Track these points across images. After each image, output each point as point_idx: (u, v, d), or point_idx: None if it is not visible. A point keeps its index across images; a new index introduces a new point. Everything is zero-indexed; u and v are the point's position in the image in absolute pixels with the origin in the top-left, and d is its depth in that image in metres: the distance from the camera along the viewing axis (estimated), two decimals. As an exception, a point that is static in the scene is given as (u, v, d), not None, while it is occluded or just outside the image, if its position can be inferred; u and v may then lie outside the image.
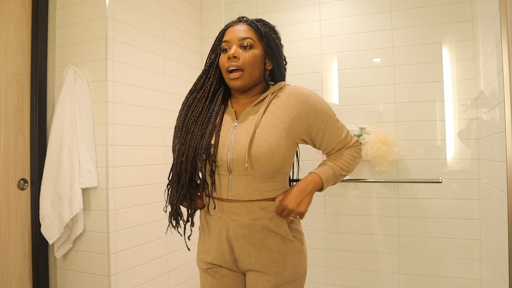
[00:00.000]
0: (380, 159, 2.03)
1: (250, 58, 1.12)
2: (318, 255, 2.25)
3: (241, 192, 1.10)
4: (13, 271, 1.80)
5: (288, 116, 1.12)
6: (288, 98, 1.14)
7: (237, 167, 1.09)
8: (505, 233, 1.30)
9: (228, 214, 1.12)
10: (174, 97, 2.32)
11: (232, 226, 1.11)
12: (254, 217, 1.11)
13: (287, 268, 1.12)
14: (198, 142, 1.11)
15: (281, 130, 1.10)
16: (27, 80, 1.91)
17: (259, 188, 1.10)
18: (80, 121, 1.83)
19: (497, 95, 1.42)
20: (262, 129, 1.09)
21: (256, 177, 1.09)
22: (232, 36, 1.14)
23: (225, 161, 1.10)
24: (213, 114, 1.16)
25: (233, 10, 2.44)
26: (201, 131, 1.13)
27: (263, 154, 1.06)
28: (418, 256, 2.06)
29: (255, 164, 1.07)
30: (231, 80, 1.14)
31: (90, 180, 1.81)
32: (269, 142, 1.07)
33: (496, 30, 1.35)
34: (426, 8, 2.05)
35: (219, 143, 1.12)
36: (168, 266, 2.21)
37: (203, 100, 1.17)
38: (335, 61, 2.26)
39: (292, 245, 1.14)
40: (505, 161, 1.27)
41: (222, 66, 1.15)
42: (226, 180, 1.12)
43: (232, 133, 1.13)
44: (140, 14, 2.07)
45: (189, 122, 1.15)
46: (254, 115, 1.14)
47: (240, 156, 1.07)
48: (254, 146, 1.07)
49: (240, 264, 1.15)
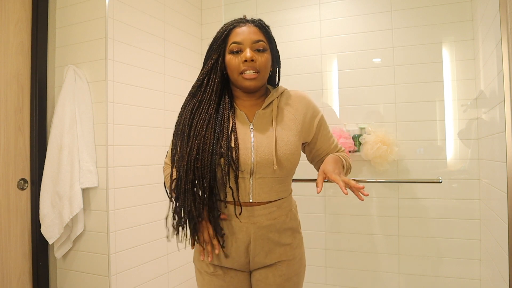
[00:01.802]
0: (380, 159, 2.03)
1: (265, 61, 1.11)
2: (318, 255, 2.25)
3: (262, 194, 1.11)
4: (13, 271, 1.80)
5: (299, 118, 1.16)
6: (294, 101, 1.18)
7: (261, 169, 1.08)
8: (505, 233, 1.30)
9: (249, 218, 1.11)
10: (174, 97, 2.32)
11: (253, 229, 1.11)
12: (273, 217, 1.13)
13: (296, 260, 1.17)
14: (214, 146, 1.05)
15: (296, 132, 1.14)
16: (27, 80, 1.91)
17: (277, 189, 1.13)
18: (80, 121, 1.83)
19: (497, 95, 1.42)
20: (280, 132, 1.12)
21: (277, 178, 1.11)
22: (244, 38, 1.10)
23: (249, 164, 1.07)
24: (225, 117, 1.11)
25: (233, 10, 2.44)
26: (215, 135, 1.07)
27: (286, 156, 1.09)
28: (418, 256, 2.06)
29: (281, 166, 1.09)
30: (246, 80, 1.10)
31: (90, 180, 1.81)
32: (290, 144, 1.11)
33: (496, 30, 1.35)
34: (426, 8, 2.05)
35: (240, 146, 1.08)
36: (168, 266, 2.21)
37: (210, 103, 1.12)
38: (335, 61, 2.25)
39: (299, 236, 1.20)
40: (505, 161, 1.27)
41: (235, 68, 1.11)
42: (246, 183, 1.10)
43: (250, 136, 1.11)
44: (140, 14, 2.07)
45: (197, 126, 1.08)
46: (268, 118, 1.14)
47: (266, 158, 1.08)
48: (278, 149, 1.09)
49: (252, 264, 1.15)
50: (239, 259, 1.14)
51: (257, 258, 1.13)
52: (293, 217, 1.19)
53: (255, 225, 1.11)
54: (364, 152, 2.07)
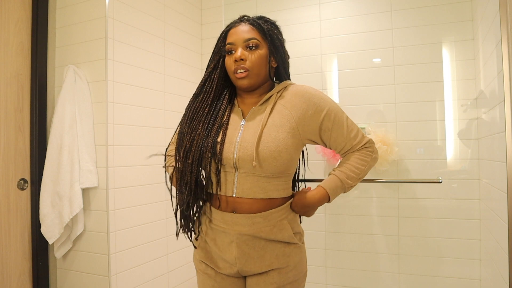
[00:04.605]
0: (380, 159, 2.03)
1: (257, 58, 1.12)
2: (318, 255, 2.25)
3: (246, 190, 1.10)
4: (13, 271, 1.80)
5: (294, 115, 1.12)
6: (293, 97, 1.15)
7: (243, 165, 1.08)
8: (505, 233, 1.30)
9: (231, 225, 1.11)
10: (174, 97, 2.32)
11: (236, 236, 1.11)
12: (258, 227, 1.10)
13: (290, 268, 1.13)
14: (204, 140, 1.11)
15: (288, 130, 1.10)
16: (27, 80, 1.91)
17: (265, 187, 1.10)
18: (80, 121, 1.83)
19: (497, 95, 1.42)
20: (269, 128, 1.10)
21: (263, 176, 1.09)
22: (236, 37, 1.13)
23: (231, 158, 1.09)
24: (220, 113, 1.15)
25: (233, 10, 2.44)
26: (207, 130, 1.12)
27: (270, 153, 1.06)
28: (418, 256, 2.06)
29: (263, 162, 1.07)
30: (238, 80, 1.13)
31: (90, 180, 1.81)
32: (277, 141, 1.08)
33: (496, 30, 1.35)
34: (426, 8, 2.05)
35: (226, 141, 1.11)
36: (168, 266, 2.21)
37: (208, 101, 1.16)
38: (335, 61, 2.26)
39: (295, 245, 1.15)
40: (505, 161, 1.27)
41: (229, 68, 1.15)
42: (231, 178, 1.11)
43: (239, 131, 1.12)
44: (140, 14, 2.07)
45: (194, 122, 1.14)
46: (261, 115, 1.14)
47: (247, 154, 1.07)
48: (261, 145, 1.07)
49: (243, 272, 1.14)
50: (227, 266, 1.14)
51: (245, 267, 1.12)
52: (283, 227, 1.12)
53: (237, 232, 1.10)
54: (364, 152, 2.07)
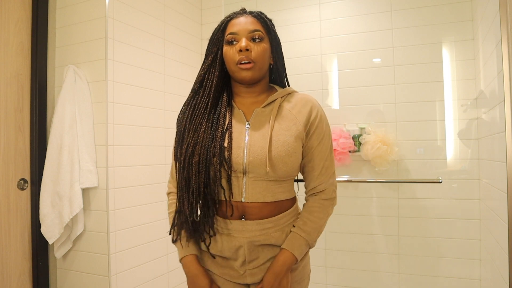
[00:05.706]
0: (380, 159, 2.03)
1: (262, 51, 1.08)
2: (318, 255, 2.25)
3: (256, 194, 1.06)
4: (13, 271, 1.80)
5: (300, 120, 1.10)
6: (298, 103, 1.13)
7: (254, 170, 1.04)
8: (505, 233, 1.30)
9: (241, 233, 1.08)
10: (174, 97, 2.32)
11: (245, 244, 1.08)
12: (268, 233, 1.08)
13: (297, 269, 1.12)
14: (209, 145, 1.05)
15: (294, 133, 1.08)
16: (27, 80, 1.91)
17: (273, 190, 1.08)
18: (80, 121, 1.83)
19: (497, 95, 1.42)
20: (277, 132, 1.07)
21: (273, 180, 1.07)
22: (240, 28, 1.09)
23: (241, 163, 1.04)
24: (221, 115, 1.10)
25: (233, 10, 2.40)
26: (210, 133, 1.07)
27: (281, 157, 1.04)
28: (418, 256, 2.06)
29: (274, 167, 1.04)
30: (242, 71, 1.07)
31: (90, 180, 1.81)
32: (287, 145, 1.05)
33: (496, 30, 1.35)
34: (426, 8, 2.05)
35: (233, 145, 1.06)
36: (168, 266, 2.21)
37: (209, 100, 1.11)
38: (335, 61, 2.26)
39: None
40: (505, 161, 1.27)
41: (231, 59, 1.09)
42: (239, 182, 1.07)
43: (245, 135, 1.08)
44: (140, 14, 2.07)
45: (195, 123, 1.08)
46: (266, 117, 1.10)
47: (258, 159, 1.04)
48: (273, 149, 1.04)
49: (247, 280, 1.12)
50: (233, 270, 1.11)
51: (253, 278, 1.09)
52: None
53: (247, 240, 1.07)
54: (364, 152, 2.07)
